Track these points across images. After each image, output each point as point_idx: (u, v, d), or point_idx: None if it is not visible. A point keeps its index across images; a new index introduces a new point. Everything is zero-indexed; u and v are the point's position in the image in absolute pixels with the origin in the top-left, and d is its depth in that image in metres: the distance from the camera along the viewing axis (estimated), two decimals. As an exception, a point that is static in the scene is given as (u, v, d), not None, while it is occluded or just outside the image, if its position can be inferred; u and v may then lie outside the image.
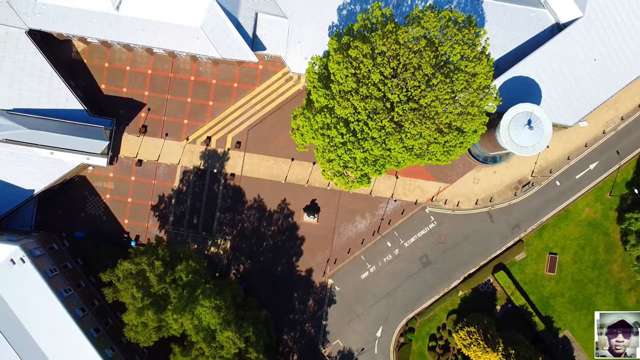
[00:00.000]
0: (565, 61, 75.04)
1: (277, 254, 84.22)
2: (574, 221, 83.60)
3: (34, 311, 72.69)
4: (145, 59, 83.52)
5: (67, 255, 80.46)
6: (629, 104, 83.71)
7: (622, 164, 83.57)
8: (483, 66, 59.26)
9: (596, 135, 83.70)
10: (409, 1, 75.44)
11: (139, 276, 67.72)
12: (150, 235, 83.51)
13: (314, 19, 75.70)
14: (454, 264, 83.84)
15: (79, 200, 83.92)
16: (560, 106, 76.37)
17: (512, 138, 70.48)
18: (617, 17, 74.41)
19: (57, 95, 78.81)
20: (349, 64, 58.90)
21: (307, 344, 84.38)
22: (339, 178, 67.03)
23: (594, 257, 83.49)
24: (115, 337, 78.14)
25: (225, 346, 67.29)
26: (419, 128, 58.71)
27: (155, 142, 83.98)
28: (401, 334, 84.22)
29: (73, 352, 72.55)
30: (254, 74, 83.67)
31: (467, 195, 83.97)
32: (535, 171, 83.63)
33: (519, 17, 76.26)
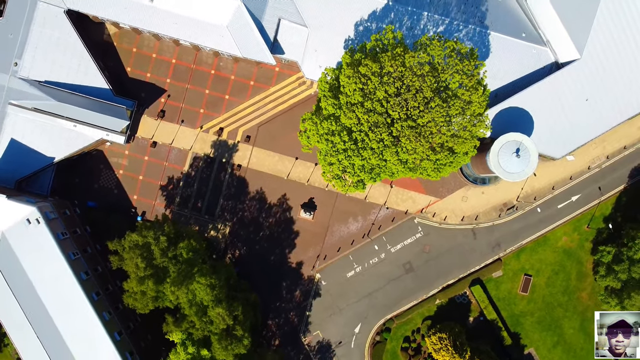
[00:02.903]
0: (559, 98, 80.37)
1: (272, 244, 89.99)
2: (551, 247, 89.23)
3: (42, 269, 78.53)
4: (171, 49, 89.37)
5: (77, 221, 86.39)
6: (616, 145, 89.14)
7: (602, 200, 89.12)
8: (478, 95, 65.02)
9: (581, 169, 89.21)
10: (421, 25, 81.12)
11: (144, 248, 73.65)
12: (157, 213, 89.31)
13: (331, 31, 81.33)
14: (434, 274, 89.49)
15: (95, 172, 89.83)
16: (550, 139, 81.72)
17: (500, 163, 76.19)
18: (612, 62, 79.69)
19: (86, 72, 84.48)
20: (358, 80, 64.73)
21: (289, 331, 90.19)
22: (337, 181, 72.73)
23: (566, 283, 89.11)
24: (113, 302, 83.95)
25: (214, 321, 73.11)
26: (414, 144, 64.58)
27: (171, 126, 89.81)
28: (378, 332, 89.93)
29: (74, 310, 78.39)
30: (270, 74, 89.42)
31: (454, 211, 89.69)
32: (520, 196, 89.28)
33: (521, 52, 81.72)
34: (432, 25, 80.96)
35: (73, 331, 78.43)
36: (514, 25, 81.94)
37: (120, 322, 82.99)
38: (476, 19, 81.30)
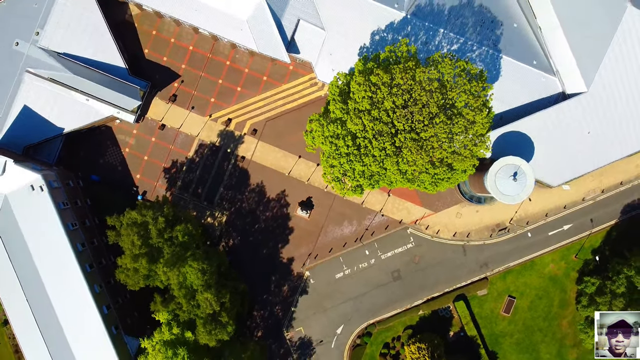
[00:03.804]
0: (561, 128, 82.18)
1: (266, 237, 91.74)
2: (537, 272, 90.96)
3: (40, 236, 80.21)
4: (190, 36, 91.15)
5: (79, 193, 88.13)
6: (612, 179, 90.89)
7: (593, 232, 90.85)
8: (482, 116, 66.75)
9: (576, 200, 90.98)
10: (436, 41, 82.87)
11: (141, 227, 75.42)
12: (157, 194, 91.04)
13: (348, 37, 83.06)
14: (421, 285, 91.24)
15: (101, 148, 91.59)
16: (549, 166, 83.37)
17: (497, 185, 77.94)
18: (617, 99, 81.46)
19: (105, 49, 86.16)
20: (368, 88, 66.50)
21: (273, 324, 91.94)
22: (337, 183, 74.46)
23: (548, 309, 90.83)
24: (105, 276, 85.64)
25: (201, 306, 74.84)
26: (414, 156, 66.34)
27: (181, 111, 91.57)
28: (359, 335, 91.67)
29: (67, 279, 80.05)
30: (283, 72, 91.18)
31: (447, 226, 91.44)
32: (513, 219, 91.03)
33: (530, 78, 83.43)
34: (447, 43, 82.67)
35: (63, 299, 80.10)
36: (527, 52, 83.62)
37: (109, 296, 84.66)
38: (490, 42, 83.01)
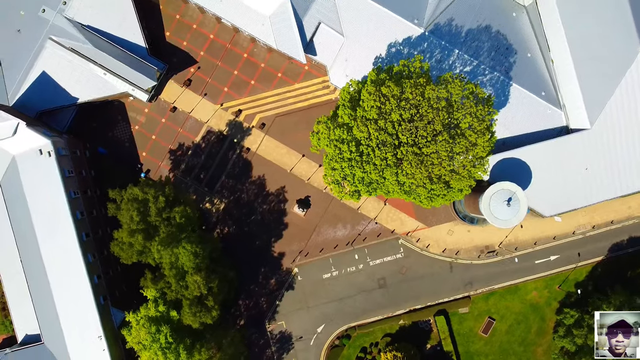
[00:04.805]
0: (561, 160, 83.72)
1: (260, 230, 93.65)
2: (519, 298, 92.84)
3: (42, 200, 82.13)
4: (212, 25, 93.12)
5: (85, 163, 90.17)
6: (604, 217, 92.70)
7: (578, 265, 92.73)
8: (484, 140, 68.64)
9: (566, 232, 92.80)
10: (450, 61, 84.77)
11: (141, 203, 77.39)
12: (160, 174, 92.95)
13: (365, 46, 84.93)
14: (405, 295, 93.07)
15: (112, 122, 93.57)
16: (543, 196, 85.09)
17: (490, 208, 79.74)
18: (618, 140, 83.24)
19: (128, 27, 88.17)
20: (378, 98, 68.43)
21: (256, 314, 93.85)
22: (336, 186, 76.37)
23: (525, 334, 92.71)
24: (99, 247, 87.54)
25: (190, 287, 76.76)
26: (414, 170, 68.30)
27: (193, 97, 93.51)
28: (338, 337, 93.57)
29: (62, 245, 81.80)
30: (298, 71, 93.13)
31: (438, 241, 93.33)
32: (503, 243, 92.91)
33: (537, 109, 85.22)
34: (460, 64, 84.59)
35: (57, 264, 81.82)
36: (537, 83, 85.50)
37: (101, 266, 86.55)
38: (503, 68, 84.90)
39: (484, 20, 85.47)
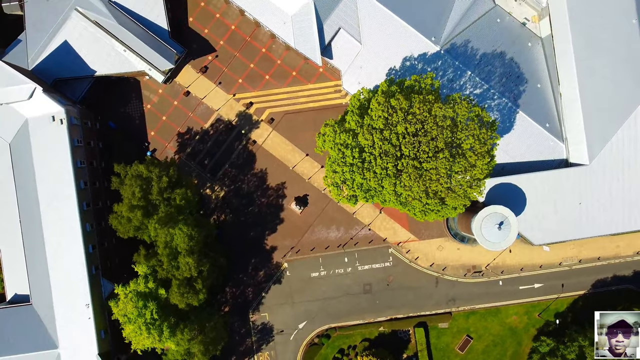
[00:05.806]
0: (556, 192, 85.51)
1: (256, 221, 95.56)
2: (499, 320, 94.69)
3: (48, 167, 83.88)
4: (235, 16, 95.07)
5: (94, 135, 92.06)
6: (591, 253, 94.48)
7: (560, 296, 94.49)
8: (483, 163, 70.56)
9: (553, 262, 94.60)
10: (461, 81, 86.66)
11: (145, 181, 79.32)
12: (166, 155, 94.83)
13: (381, 57, 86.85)
14: (388, 303, 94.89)
15: (125, 98, 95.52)
16: (535, 225, 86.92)
17: (482, 229, 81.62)
18: (614, 178, 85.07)
19: (152, 8, 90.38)
20: (386, 109, 70.37)
21: (241, 303, 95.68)
22: (334, 188, 78.29)
23: (500, 357, 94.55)
24: (97, 218, 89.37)
25: (181, 268, 78.57)
26: (412, 182, 70.24)
27: (208, 84, 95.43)
28: (318, 335, 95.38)
29: (62, 211, 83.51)
30: (312, 72, 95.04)
31: (427, 255, 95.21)
32: (490, 265, 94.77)
33: (540, 139, 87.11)
34: (471, 85, 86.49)
35: (55, 229, 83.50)
36: (542, 114, 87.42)
37: (97, 237, 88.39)
38: (511, 95, 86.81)
39: (500, 47, 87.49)
